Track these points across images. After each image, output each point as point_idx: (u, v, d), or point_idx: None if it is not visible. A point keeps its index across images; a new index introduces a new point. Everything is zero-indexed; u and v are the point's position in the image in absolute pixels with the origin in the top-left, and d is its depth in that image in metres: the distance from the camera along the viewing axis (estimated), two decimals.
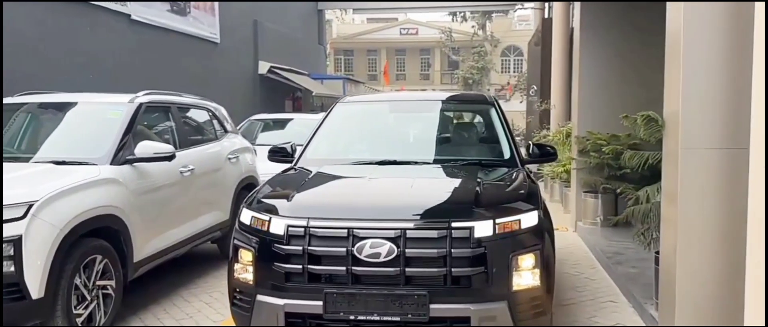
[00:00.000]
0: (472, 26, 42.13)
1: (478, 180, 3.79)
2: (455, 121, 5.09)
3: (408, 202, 3.52)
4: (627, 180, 6.58)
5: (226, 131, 7.04)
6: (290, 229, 3.32)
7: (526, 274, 3.28)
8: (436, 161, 4.43)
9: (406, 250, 3.17)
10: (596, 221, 7.75)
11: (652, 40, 6.02)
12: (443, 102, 5.38)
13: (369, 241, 3.20)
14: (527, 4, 25.18)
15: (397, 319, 3.17)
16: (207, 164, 6.17)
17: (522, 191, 3.73)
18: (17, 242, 3.62)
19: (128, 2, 10.80)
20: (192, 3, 13.11)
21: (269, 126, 10.78)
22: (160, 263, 5.36)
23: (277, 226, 3.36)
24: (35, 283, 3.69)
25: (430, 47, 48.03)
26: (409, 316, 3.15)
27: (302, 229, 3.29)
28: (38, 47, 8.83)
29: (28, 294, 3.67)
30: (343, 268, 3.21)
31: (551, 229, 3.70)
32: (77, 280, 4.07)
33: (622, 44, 7.63)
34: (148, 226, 5.00)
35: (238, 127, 11.05)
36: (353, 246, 3.20)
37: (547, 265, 3.38)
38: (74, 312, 4.03)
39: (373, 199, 3.66)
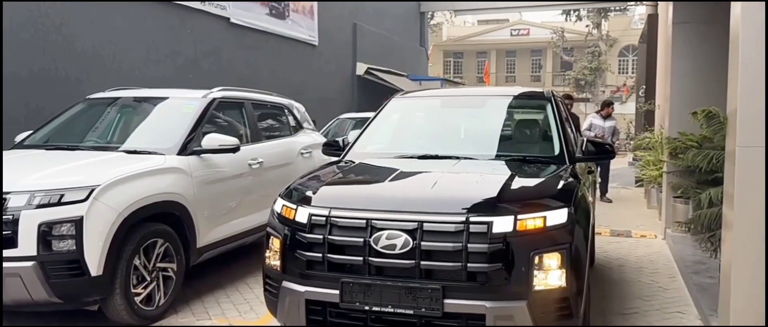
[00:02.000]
0: (586, 25, 40.30)
1: (512, 175, 3.65)
2: (507, 117, 4.90)
3: (429, 195, 3.44)
4: (720, 184, 6.06)
5: (301, 127, 7.27)
6: (313, 218, 3.35)
7: (550, 274, 3.12)
8: (478, 157, 4.29)
9: (422, 243, 3.12)
10: (686, 228, 7.19)
11: None
12: (497, 97, 5.24)
13: (385, 232, 3.17)
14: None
15: (411, 312, 3.13)
16: (277, 158, 6.40)
17: (555, 188, 3.54)
18: (78, 223, 3.94)
19: (228, 3, 11.33)
20: (291, 7, 13.56)
21: (359, 124, 11.08)
22: (227, 250, 5.64)
23: (302, 216, 3.40)
24: (94, 261, 4.00)
25: (541, 48, 46.64)
26: (423, 309, 3.10)
27: (323, 219, 3.31)
28: (142, 48, 9.49)
29: (87, 271, 3.97)
30: (360, 258, 3.20)
31: (587, 228, 3.50)
32: (137, 261, 4.35)
33: (717, 41, 7.02)
34: (213, 213, 5.26)
35: (327, 125, 11.44)
36: (371, 236, 3.19)
37: (576, 265, 3.19)
38: (133, 291, 4.32)
39: (394, 192, 3.61)
